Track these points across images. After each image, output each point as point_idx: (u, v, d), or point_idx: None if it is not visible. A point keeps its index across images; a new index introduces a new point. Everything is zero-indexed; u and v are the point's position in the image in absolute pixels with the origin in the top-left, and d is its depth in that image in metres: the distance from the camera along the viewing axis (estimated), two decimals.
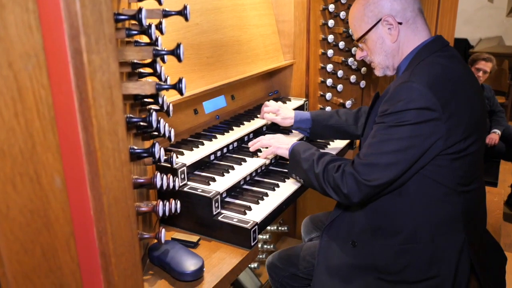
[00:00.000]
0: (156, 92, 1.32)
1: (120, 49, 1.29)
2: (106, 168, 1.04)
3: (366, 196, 1.82)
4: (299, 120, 2.59)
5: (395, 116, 1.73)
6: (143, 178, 1.43)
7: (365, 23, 1.98)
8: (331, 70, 3.12)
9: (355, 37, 2.07)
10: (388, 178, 1.76)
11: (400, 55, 1.96)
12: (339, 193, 1.86)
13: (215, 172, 2.13)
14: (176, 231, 2.02)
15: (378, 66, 2.04)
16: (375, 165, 1.76)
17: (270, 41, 2.97)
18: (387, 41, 1.95)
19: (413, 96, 1.69)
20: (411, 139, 1.71)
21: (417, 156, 1.74)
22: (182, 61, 1.37)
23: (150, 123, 1.34)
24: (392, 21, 1.90)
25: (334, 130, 2.55)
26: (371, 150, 1.80)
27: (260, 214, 1.96)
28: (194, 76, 2.31)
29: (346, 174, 1.83)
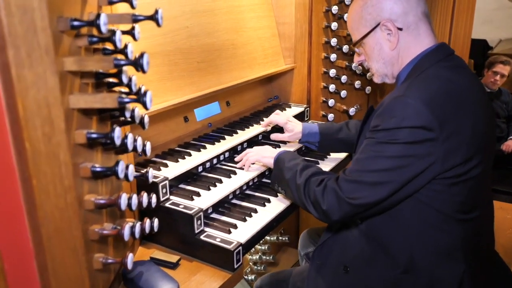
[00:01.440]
0: (118, 106, 1.19)
1: (80, 59, 1.17)
2: (44, 197, 0.92)
3: (346, 215, 1.66)
4: (307, 134, 2.44)
5: (386, 133, 1.57)
6: (105, 199, 1.30)
7: (362, 26, 1.81)
8: (334, 75, 2.96)
9: (353, 41, 1.91)
10: (372, 199, 1.60)
11: (400, 64, 1.79)
12: (318, 209, 1.71)
13: (201, 186, 1.99)
14: (157, 248, 1.90)
15: (376, 73, 1.88)
16: (359, 183, 1.61)
17: (269, 44, 2.82)
18: (385, 48, 1.78)
19: (407, 113, 1.53)
20: (402, 159, 1.55)
21: (407, 178, 1.58)
22: (146, 72, 1.24)
23: (112, 140, 1.21)
24: (391, 27, 1.73)
25: (343, 143, 2.39)
26: (358, 166, 1.64)
27: (245, 233, 1.82)
28: (183, 82, 2.18)
29: (327, 189, 1.68)
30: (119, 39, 1.24)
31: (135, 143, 1.46)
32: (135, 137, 1.47)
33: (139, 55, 1.20)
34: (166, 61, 2.09)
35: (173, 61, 2.12)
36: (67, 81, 1.18)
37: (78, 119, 1.24)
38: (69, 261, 0.98)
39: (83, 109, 1.24)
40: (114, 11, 1.55)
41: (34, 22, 0.83)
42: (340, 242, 1.89)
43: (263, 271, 3.25)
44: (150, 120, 2.00)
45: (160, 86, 2.05)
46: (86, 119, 1.30)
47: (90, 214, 1.31)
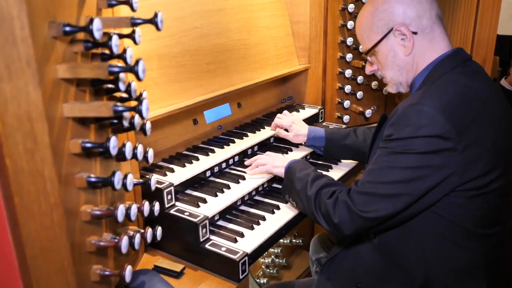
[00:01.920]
0: (113, 114, 1.14)
1: (73, 66, 1.12)
2: (27, 216, 0.87)
3: (359, 228, 1.59)
4: (313, 138, 2.37)
5: (401, 142, 1.48)
6: (101, 210, 1.25)
7: (374, 33, 1.71)
8: (350, 76, 2.87)
9: (363, 50, 1.81)
10: (386, 212, 1.52)
11: (415, 70, 1.69)
12: (329, 222, 1.64)
13: (208, 192, 1.94)
14: (162, 256, 1.85)
15: (390, 82, 1.78)
16: (372, 195, 1.53)
17: (282, 44, 2.74)
18: (399, 54, 1.69)
19: (422, 122, 1.44)
20: (418, 170, 1.47)
21: (423, 190, 1.49)
22: (142, 79, 1.18)
23: (107, 150, 1.16)
24: (406, 31, 1.63)
25: (350, 150, 2.31)
26: (370, 177, 1.56)
27: (252, 242, 1.75)
28: (190, 84, 2.12)
29: (339, 201, 1.60)
30: (116, 44, 1.19)
31: (135, 151, 1.41)
32: (135, 145, 1.42)
33: (135, 61, 1.14)
34: (174, 63, 2.04)
35: (180, 63, 2.07)
36: (60, 89, 1.13)
37: (73, 128, 1.19)
38: (57, 281, 0.94)
39: (79, 118, 1.19)
40: (116, 14, 1.50)
41: (13, 32, 0.78)
42: (351, 257, 1.80)
43: (276, 274, 3.20)
44: (157, 124, 1.97)
45: (167, 89, 2.00)
46: (83, 127, 1.25)
47: (87, 225, 1.27)
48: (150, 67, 1.92)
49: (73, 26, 1.09)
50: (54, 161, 0.90)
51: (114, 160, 1.51)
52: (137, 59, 1.15)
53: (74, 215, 1.21)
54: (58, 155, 1.12)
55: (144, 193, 1.79)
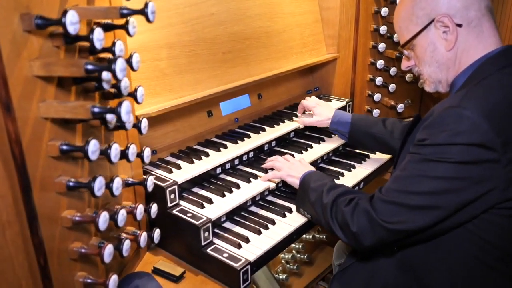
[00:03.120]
0: (91, 117, 1.04)
1: (46, 63, 1.02)
2: None
3: (380, 240, 1.44)
4: (337, 122, 2.23)
5: (435, 149, 1.31)
6: (81, 216, 1.17)
7: (413, 24, 1.53)
8: (383, 66, 2.66)
9: (401, 42, 1.63)
10: (413, 225, 1.37)
11: (457, 68, 1.51)
12: (347, 232, 1.50)
13: (216, 191, 1.83)
14: (164, 256, 1.77)
15: (428, 79, 1.60)
16: (398, 205, 1.38)
17: (310, 31, 2.56)
18: (440, 49, 1.50)
19: (462, 127, 1.27)
20: (453, 181, 1.30)
21: (458, 204, 1.33)
22: (121, 80, 1.07)
23: (86, 154, 1.07)
24: (449, 23, 1.45)
25: (375, 140, 2.15)
26: (397, 185, 1.41)
27: (257, 249, 1.64)
28: (204, 75, 2.00)
29: (358, 209, 1.46)
30: (98, 39, 1.08)
31: (127, 151, 1.31)
32: (127, 144, 1.32)
33: (111, 60, 1.03)
34: (185, 52, 1.92)
35: (193, 52, 1.95)
36: (36, 87, 1.04)
37: (53, 129, 1.10)
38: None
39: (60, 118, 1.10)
40: (113, 3, 1.39)
41: None
42: (367, 269, 1.66)
43: (296, 270, 3.08)
44: (166, 116, 1.86)
45: (177, 80, 1.88)
46: (67, 128, 1.16)
47: (69, 231, 1.19)
48: (158, 56, 1.81)
49: (46, 19, 0.98)
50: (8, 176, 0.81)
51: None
52: (115, 57, 1.03)
53: (53, 221, 1.14)
54: (32, 158, 1.04)
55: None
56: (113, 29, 1.30)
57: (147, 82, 1.77)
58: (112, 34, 1.39)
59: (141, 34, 1.74)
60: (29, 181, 1.03)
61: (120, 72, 1.03)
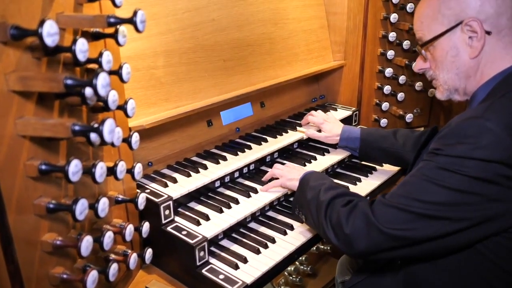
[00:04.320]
0: (71, 135, 0.95)
1: (23, 77, 0.94)
2: None
3: (374, 245, 1.32)
4: (346, 138, 2.14)
5: (450, 159, 1.22)
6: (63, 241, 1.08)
7: (438, 23, 1.43)
8: (391, 74, 2.55)
9: (420, 40, 1.52)
10: (412, 234, 1.27)
11: (478, 78, 1.41)
12: (339, 233, 1.39)
13: (213, 206, 1.74)
14: (158, 274, 1.68)
15: (442, 85, 1.49)
16: (401, 211, 1.28)
17: (315, 37, 2.47)
18: (463, 55, 1.40)
19: (483, 141, 1.17)
20: (465, 195, 1.20)
21: (466, 220, 1.23)
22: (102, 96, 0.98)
23: (66, 175, 0.98)
24: (478, 28, 1.34)
25: (387, 154, 2.05)
26: (403, 191, 1.31)
27: (254, 271, 1.55)
28: (204, 84, 1.91)
29: (357, 210, 1.36)
30: (82, 50, 0.99)
31: (114, 168, 1.22)
32: (116, 162, 1.23)
33: (94, 75, 0.94)
34: (184, 60, 1.83)
35: (192, 60, 1.86)
36: (11, 102, 0.96)
37: (32, 147, 1.02)
38: None
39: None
40: (105, 10, 1.30)
41: None
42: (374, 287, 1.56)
43: (299, 283, 2.99)
44: (163, 127, 1.77)
45: (174, 89, 1.80)
46: (48, 145, 1.08)
47: (50, 256, 1.11)
48: (155, 65, 1.73)
49: (22, 30, 0.90)
50: None
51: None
52: (98, 71, 0.94)
53: (31, 245, 1.06)
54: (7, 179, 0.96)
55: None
56: (102, 38, 1.21)
57: (142, 92, 1.69)
58: (102, 42, 1.31)
59: (137, 41, 1.66)
60: (3, 204, 0.96)
61: (102, 88, 0.94)
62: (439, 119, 2.83)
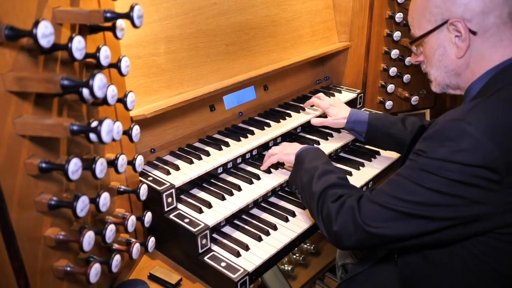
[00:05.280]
0: (70, 135, 0.95)
1: (20, 78, 0.93)
2: None
3: (360, 243, 1.35)
4: (354, 121, 2.11)
5: (432, 162, 1.21)
6: (65, 236, 1.10)
7: (426, 20, 1.39)
8: (397, 56, 2.51)
9: (412, 35, 1.50)
10: (393, 231, 1.28)
11: (470, 75, 1.37)
12: (329, 229, 1.41)
13: (215, 194, 1.75)
14: (161, 259, 1.71)
15: (434, 81, 1.47)
16: (383, 208, 1.29)
17: (320, 18, 2.42)
18: (450, 54, 1.36)
19: (463, 145, 1.15)
20: (446, 197, 1.20)
21: (447, 220, 1.23)
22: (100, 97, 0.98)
23: (66, 174, 0.99)
24: (462, 28, 1.30)
25: (394, 141, 2.02)
26: (388, 189, 1.31)
27: (256, 258, 1.57)
28: (206, 69, 1.89)
29: (344, 207, 1.38)
30: (78, 48, 0.98)
31: (115, 162, 1.23)
32: (117, 155, 1.24)
33: (90, 77, 0.93)
34: (186, 46, 1.81)
35: (194, 45, 1.84)
36: (10, 103, 0.96)
37: (32, 146, 1.03)
38: None
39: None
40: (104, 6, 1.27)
41: None
42: (372, 280, 1.58)
43: (302, 261, 3.03)
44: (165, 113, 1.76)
45: (176, 76, 1.78)
46: (47, 142, 1.08)
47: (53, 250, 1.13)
48: (156, 51, 1.71)
49: (17, 30, 0.89)
50: None
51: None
52: (93, 73, 0.94)
53: (34, 241, 1.07)
54: (8, 178, 0.97)
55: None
56: (100, 31, 1.20)
57: (143, 79, 1.68)
58: (101, 34, 1.29)
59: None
60: (5, 203, 0.97)
61: (99, 90, 0.94)
62: (445, 100, 2.79)
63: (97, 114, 1.30)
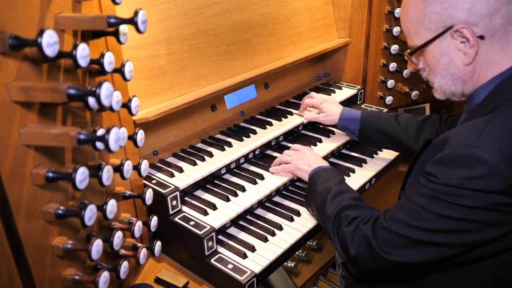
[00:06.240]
0: (77, 144, 0.94)
1: (25, 88, 0.92)
2: None
3: (380, 269, 1.36)
4: (346, 119, 2.08)
5: (446, 189, 1.17)
6: (73, 244, 1.09)
7: (424, 28, 1.32)
8: (397, 51, 2.50)
9: (409, 46, 1.43)
10: (413, 259, 1.27)
11: (475, 81, 1.33)
12: (347, 254, 1.41)
13: (220, 195, 1.74)
14: (167, 262, 1.71)
15: (439, 89, 1.41)
16: (400, 237, 1.27)
17: (319, 14, 2.40)
18: (456, 62, 1.31)
19: (478, 171, 1.12)
20: (463, 223, 1.18)
21: (466, 245, 1.23)
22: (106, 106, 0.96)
23: (74, 184, 0.98)
24: (469, 35, 1.24)
25: (387, 138, 2.00)
26: (402, 216, 1.28)
27: (263, 259, 1.56)
28: (207, 70, 1.88)
29: (359, 234, 1.36)
30: (83, 56, 0.97)
31: (121, 167, 1.22)
32: (122, 161, 1.23)
33: (97, 84, 0.92)
34: (186, 47, 1.79)
35: (194, 46, 1.82)
36: (15, 113, 0.94)
37: (37, 155, 1.01)
38: None
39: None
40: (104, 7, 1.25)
41: None
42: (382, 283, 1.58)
43: (305, 258, 3.04)
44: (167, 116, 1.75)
45: (177, 77, 1.77)
46: (53, 150, 1.07)
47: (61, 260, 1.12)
48: (157, 53, 1.69)
49: (21, 40, 0.87)
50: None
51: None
52: (99, 82, 0.92)
53: (42, 250, 1.06)
54: (14, 190, 0.96)
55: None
56: (102, 36, 1.18)
57: (145, 82, 1.66)
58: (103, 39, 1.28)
59: None
60: (12, 214, 0.96)
61: (106, 99, 0.93)
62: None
63: (101, 120, 1.29)
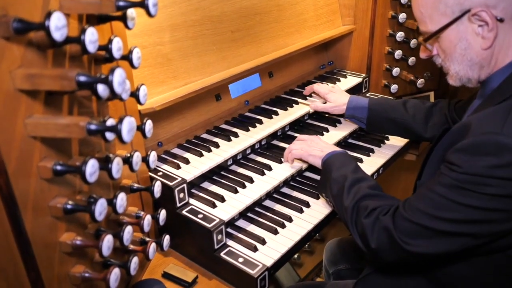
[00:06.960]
0: (87, 135, 0.89)
1: (31, 75, 0.86)
2: None
3: (401, 260, 1.32)
4: (353, 107, 2.04)
5: (470, 178, 1.14)
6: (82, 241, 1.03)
7: (440, 13, 1.28)
8: (402, 38, 2.44)
9: (422, 32, 1.39)
10: (435, 250, 1.24)
11: (492, 65, 1.29)
12: (367, 246, 1.37)
13: (227, 186, 1.69)
14: (174, 257, 1.66)
15: (454, 75, 1.37)
16: (422, 227, 1.23)
17: (324, 1, 2.34)
18: (474, 46, 1.27)
19: (504, 160, 1.08)
20: (488, 213, 1.15)
21: (492, 234, 1.19)
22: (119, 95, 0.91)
23: (83, 176, 0.92)
24: (488, 18, 1.21)
25: (396, 125, 1.97)
26: (423, 206, 1.24)
27: (274, 252, 1.52)
28: (212, 57, 1.82)
29: (379, 225, 1.32)
30: (92, 41, 0.91)
31: (130, 159, 1.16)
32: (131, 153, 1.17)
33: (110, 70, 0.86)
34: (191, 34, 1.73)
35: (199, 33, 1.76)
36: (20, 102, 0.88)
37: (44, 147, 0.96)
38: None
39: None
40: None
41: None
42: (390, 281, 1.53)
43: (308, 249, 3.02)
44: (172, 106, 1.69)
45: (182, 65, 1.71)
46: (60, 141, 1.01)
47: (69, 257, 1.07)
48: (161, 40, 1.63)
49: (26, 23, 0.81)
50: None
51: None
52: (112, 68, 0.86)
53: (50, 247, 1.01)
54: (20, 185, 0.90)
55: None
56: (109, 21, 1.12)
57: (150, 70, 1.60)
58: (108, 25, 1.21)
59: (141, 16, 1.54)
60: (19, 211, 0.90)
61: (119, 86, 0.87)
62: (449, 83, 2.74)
63: (107, 110, 1.23)
